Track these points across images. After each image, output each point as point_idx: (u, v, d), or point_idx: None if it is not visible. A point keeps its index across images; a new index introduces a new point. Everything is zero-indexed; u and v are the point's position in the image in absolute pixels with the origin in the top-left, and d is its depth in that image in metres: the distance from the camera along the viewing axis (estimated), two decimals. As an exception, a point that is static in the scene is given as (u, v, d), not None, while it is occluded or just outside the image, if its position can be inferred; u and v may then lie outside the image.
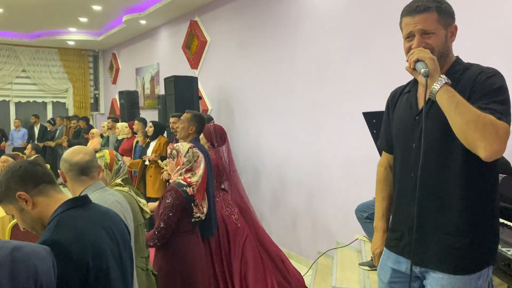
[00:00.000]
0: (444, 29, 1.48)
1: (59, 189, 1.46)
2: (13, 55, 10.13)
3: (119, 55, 10.06)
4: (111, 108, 10.38)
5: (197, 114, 3.42)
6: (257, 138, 5.38)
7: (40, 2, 6.91)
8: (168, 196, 2.39)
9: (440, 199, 1.48)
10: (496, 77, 1.40)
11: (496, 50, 2.88)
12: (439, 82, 1.37)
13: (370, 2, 3.79)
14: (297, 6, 4.63)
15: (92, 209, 1.45)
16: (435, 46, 1.46)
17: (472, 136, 1.30)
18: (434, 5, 1.46)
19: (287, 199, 4.94)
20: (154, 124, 5.41)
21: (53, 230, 1.28)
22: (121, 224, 1.55)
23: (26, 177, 1.37)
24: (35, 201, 1.38)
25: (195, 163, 2.55)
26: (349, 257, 3.71)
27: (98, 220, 1.41)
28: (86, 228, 1.34)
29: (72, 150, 1.91)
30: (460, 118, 1.31)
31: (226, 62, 5.95)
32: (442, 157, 1.47)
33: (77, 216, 1.36)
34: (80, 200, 1.44)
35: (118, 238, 1.46)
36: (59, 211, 1.36)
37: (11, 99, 10.32)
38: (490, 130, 1.28)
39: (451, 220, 1.45)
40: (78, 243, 1.27)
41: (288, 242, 4.93)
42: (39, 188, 1.38)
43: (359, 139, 3.85)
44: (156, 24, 7.79)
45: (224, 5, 5.95)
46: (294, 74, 4.70)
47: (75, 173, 1.86)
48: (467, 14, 2.96)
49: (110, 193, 1.96)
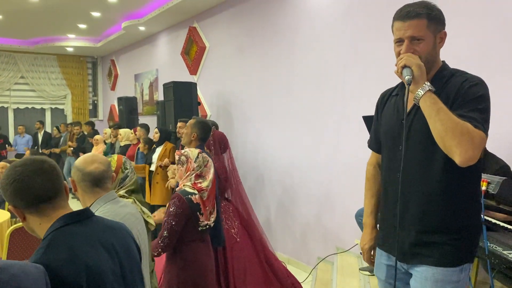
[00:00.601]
0: (433, 35, 1.51)
1: (61, 203, 1.30)
2: (12, 61, 10.15)
3: (118, 61, 10.07)
4: (110, 114, 10.38)
5: (201, 120, 3.33)
6: (256, 143, 5.38)
7: (39, 9, 6.92)
8: (171, 204, 2.34)
9: (422, 200, 1.54)
10: (478, 85, 1.45)
11: (496, 50, 2.90)
12: (423, 88, 1.43)
13: (368, 8, 3.81)
14: (296, 12, 4.65)
15: (91, 224, 1.32)
16: (423, 53, 1.50)
17: (449, 142, 1.37)
18: (425, 12, 1.49)
19: (286, 204, 4.93)
20: (160, 130, 5.37)
21: (43, 251, 1.17)
22: (126, 240, 1.42)
23: (18, 193, 1.23)
24: (27, 217, 1.27)
25: (205, 167, 2.51)
26: (349, 262, 3.70)
27: (96, 237, 1.29)
28: (81, 247, 1.21)
29: (85, 158, 1.80)
30: (440, 124, 1.38)
31: (225, 68, 5.97)
32: (425, 160, 1.53)
33: (72, 234, 1.24)
34: (78, 215, 1.30)
35: (122, 256, 1.34)
36: (53, 228, 1.24)
37: (9, 106, 10.32)
38: (466, 137, 1.35)
39: (432, 220, 1.52)
40: (71, 266, 1.15)
41: (287, 247, 4.91)
42: (31, 208, 1.25)
43: (358, 144, 3.85)
44: (155, 31, 7.82)
45: (223, 12, 5.98)
46: (293, 79, 4.71)
47: (88, 184, 1.75)
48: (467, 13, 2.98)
49: (122, 205, 1.85)
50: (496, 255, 1.83)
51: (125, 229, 1.46)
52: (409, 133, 1.56)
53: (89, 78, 11.28)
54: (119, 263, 1.31)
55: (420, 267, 1.54)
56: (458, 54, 2.83)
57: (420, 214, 1.55)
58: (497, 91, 1.57)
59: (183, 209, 2.33)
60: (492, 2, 2.91)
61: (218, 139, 3.74)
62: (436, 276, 1.49)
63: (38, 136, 9.65)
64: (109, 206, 1.75)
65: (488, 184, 1.93)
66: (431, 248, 1.52)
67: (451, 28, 1.62)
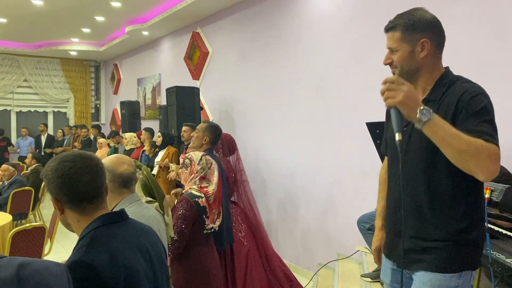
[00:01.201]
0: (409, 45, 1.51)
1: (101, 204, 1.31)
2: (15, 64, 10.20)
3: (121, 66, 10.11)
4: (112, 118, 10.41)
5: (213, 125, 3.33)
6: (258, 148, 5.38)
7: (44, 13, 6.97)
8: (179, 207, 2.34)
9: (421, 209, 1.53)
10: (479, 96, 1.42)
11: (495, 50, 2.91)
12: (419, 121, 1.35)
13: (370, 15, 3.83)
14: (298, 19, 4.68)
15: (128, 226, 1.33)
16: (398, 62, 1.54)
17: (467, 164, 1.33)
18: (401, 22, 1.52)
19: (288, 209, 4.92)
20: (163, 134, 5.39)
21: (85, 250, 1.17)
22: (157, 242, 1.43)
23: (63, 188, 1.24)
24: (66, 211, 1.28)
25: (209, 170, 2.50)
26: (350, 268, 3.68)
27: (133, 239, 1.30)
28: (121, 249, 1.23)
29: (114, 159, 1.80)
30: (451, 149, 1.33)
31: (227, 73, 5.99)
32: (425, 167, 1.52)
33: (112, 235, 1.25)
34: (117, 216, 1.32)
35: (153, 258, 1.35)
36: (93, 227, 1.25)
37: (12, 108, 10.35)
38: (483, 155, 1.31)
39: (431, 227, 1.52)
40: (111, 267, 1.16)
41: (289, 253, 4.90)
42: (73, 204, 1.26)
43: (360, 150, 3.86)
44: (159, 35, 7.85)
45: (226, 17, 6.01)
46: (295, 85, 4.73)
47: (117, 185, 1.76)
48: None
49: (146, 207, 1.86)
50: (499, 263, 1.83)
51: (155, 233, 1.47)
52: (409, 141, 1.56)
53: (92, 82, 11.33)
54: (151, 267, 1.32)
55: (419, 272, 1.55)
56: (457, 61, 2.83)
57: (418, 221, 1.54)
58: (496, 97, 1.57)
59: (192, 212, 2.33)
60: (489, 8, 2.92)
61: (226, 142, 3.76)
62: (433, 282, 1.49)
63: (41, 139, 9.68)
64: (134, 208, 1.76)
65: (492, 192, 1.93)
66: (429, 253, 1.52)
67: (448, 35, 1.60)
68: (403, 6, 3.63)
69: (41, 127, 9.70)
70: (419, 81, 1.57)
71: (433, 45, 1.52)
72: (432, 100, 1.52)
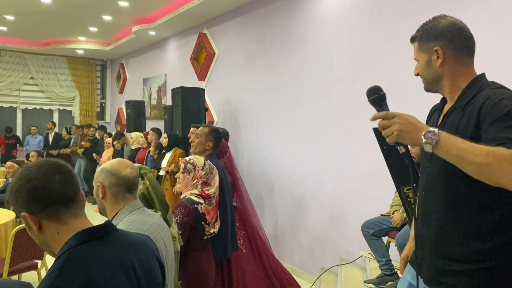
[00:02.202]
0: (425, 55, 1.51)
1: (79, 211, 1.18)
2: (22, 62, 10.24)
3: (127, 65, 10.14)
4: (117, 117, 10.43)
5: (215, 129, 3.30)
6: (263, 152, 5.36)
7: (51, 11, 6.99)
8: (177, 212, 2.32)
9: (441, 223, 1.44)
10: (504, 101, 1.31)
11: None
12: (428, 147, 1.27)
13: (378, 19, 3.81)
14: (305, 22, 4.66)
15: (112, 242, 1.18)
16: (420, 73, 1.55)
17: (492, 177, 1.19)
18: (418, 34, 1.54)
19: (292, 213, 4.90)
20: (169, 136, 5.35)
21: (56, 275, 1.03)
22: (149, 259, 1.29)
23: (33, 196, 1.10)
24: (42, 224, 1.13)
25: (211, 174, 2.52)
26: (353, 274, 3.66)
27: (116, 259, 1.15)
28: (99, 273, 1.08)
29: (115, 162, 1.71)
30: (469, 164, 1.22)
31: (233, 75, 5.98)
32: (444, 182, 1.43)
33: (89, 256, 1.09)
34: (98, 231, 1.16)
35: (142, 278, 1.22)
36: (69, 246, 1.10)
37: (18, 106, 10.40)
38: (506, 164, 1.16)
39: (449, 246, 1.39)
40: None
41: (291, 257, 4.88)
42: (48, 211, 1.12)
43: (365, 156, 3.83)
44: (165, 36, 7.86)
45: (233, 19, 6.01)
46: (301, 89, 4.71)
47: (122, 189, 1.67)
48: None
49: (148, 214, 1.76)
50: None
51: (148, 245, 1.33)
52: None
53: (97, 80, 11.36)
54: (137, 285, 1.20)
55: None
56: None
57: (438, 238, 1.45)
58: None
59: (190, 218, 2.32)
60: (507, 11, 2.89)
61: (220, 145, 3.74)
62: None
63: (49, 137, 9.71)
64: (135, 216, 1.68)
65: None
66: (449, 277, 1.40)
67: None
68: (411, 10, 3.61)
69: (49, 125, 9.71)
70: (444, 90, 1.52)
71: (449, 52, 1.47)
72: (457, 108, 1.45)
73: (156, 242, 1.60)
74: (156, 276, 1.29)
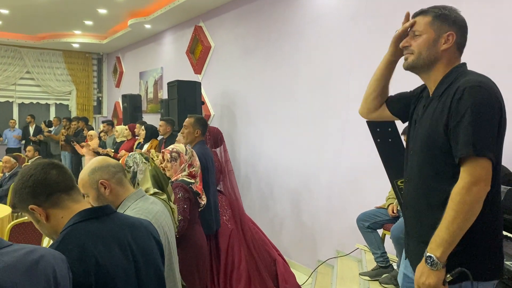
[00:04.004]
0: (435, 33, 1.50)
1: (78, 197, 1.32)
2: (18, 56, 10.17)
3: (123, 59, 10.09)
4: (114, 111, 10.40)
5: (199, 117, 3.54)
6: (259, 144, 5.36)
7: (46, 5, 6.94)
8: (177, 191, 2.51)
9: (421, 210, 1.51)
10: (465, 97, 1.35)
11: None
12: (440, 264, 1.38)
13: (374, 11, 3.79)
14: (302, 14, 4.63)
15: (109, 221, 1.31)
16: (418, 47, 1.51)
17: (475, 210, 1.34)
18: (433, 10, 1.52)
19: (288, 205, 4.91)
20: (146, 127, 5.45)
21: (55, 246, 1.19)
22: (146, 239, 1.40)
23: (37, 189, 1.25)
24: (49, 213, 1.27)
25: (193, 157, 2.75)
26: (349, 266, 3.67)
27: (112, 235, 1.28)
28: (93, 245, 1.21)
29: (96, 160, 1.71)
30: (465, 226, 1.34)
31: (229, 68, 5.96)
32: (424, 168, 1.50)
33: (86, 231, 1.24)
34: (96, 211, 1.31)
35: (138, 255, 1.32)
36: (70, 223, 1.25)
37: (14, 100, 10.35)
38: (467, 199, 1.32)
39: (429, 231, 1.44)
40: (80, 264, 1.17)
41: (288, 249, 4.89)
42: (52, 200, 1.26)
43: (362, 148, 3.83)
44: (161, 29, 7.82)
45: (229, 11, 5.97)
46: (297, 81, 4.70)
47: (121, 174, 1.70)
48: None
49: (152, 201, 1.81)
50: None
51: (148, 228, 1.44)
52: (415, 139, 1.55)
53: (94, 74, 11.30)
54: (133, 262, 1.30)
55: None
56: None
57: (419, 224, 1.52)
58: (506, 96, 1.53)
59: (189, 194, 2.56)
60: (489, 8, 2.88)
61: (214, 134, 3.95)
62: None
63: (29, 130, 9.60)
64: (141, 204, 1.71)
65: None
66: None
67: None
68: (408, 1, 3.59)
69: (28, 118, 9.64)
70: (431, 75, 1.54)
71: (456, 42, 1.50)
72: (435, 97, 1.51)
73: (161, 228, 1.72)
74: (153, 254, 1.40)
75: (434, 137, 1.44)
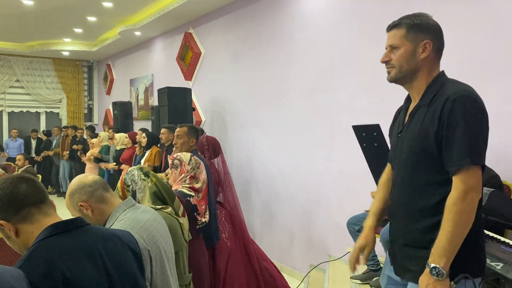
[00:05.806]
0: (412, 44, 1.52)
1: (49, 211, 1.28)
2: (7, 64, 10.10)
3: (113, 66, 10.07)
4: (105, 119, 10.36)
5: (191, 126, 3.49)
6: (250, 150, 5.37)
7: (35, 13, 6.91)
8: None
9: (408, 214, 1.54)
10: (456, 106, 1.39)
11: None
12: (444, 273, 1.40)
13: (361, 15, 3.83)
14: (290, 19, 4.67)
15: (80, 234, 1.26)
16: (398, 61, 1.54)
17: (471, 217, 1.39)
18: (405, 21, 1.54)
19: (280, 211, 4.91)
20: (147, 135, 5.39)
21: (21, 263, 1.13)
22: (121, 250, 1.35)
23: (5, 203, 1.21)
24: (18, 228, 1.23)
25: (198, 169, 2.62)
26: (341, 270, 3.68)
27: (83, 248, 1.22)
28: (61, 259, 1.16)
29: (73, 182, 1.69)
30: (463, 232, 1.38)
31: (220, 74, 5.97)
32: (410, 174, 1.53)
33: (54, 245, 1.18)
34: (66, 224, 1.25)
35: (111, 269, 1.27)
36: (38, 238, 1.20)
37: (4, 109, 10.26)
38: (462, 208, 1.36)
39: (416, 235, 1.50)
40: (47, 279, 1.11)
41: (280, 254, 4.89)
42: (21, 214, 1.22)
43: (352, 152, 3.85)
44: (151, 36, 7.82)
45: (218, 18, 5.99)
46: (287, 86, 4.72)
47: (100, 191, 1.65)
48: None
49: (142, 210, 1.75)
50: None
51: (123, 239, 1.38)
52: (402, 147, 1.58)
53: (84, 82, 11.25)
54: (106, 275, 1.25)
55: (409, 283, 1.54)
56: (450, 62, 2.84)
57: (405, 227, 1.54)
58: (488, 100, 1.55)
59: (185, 208, 2.41)
60: (484, 9, 2.93)
61: (212, 144, 3.81)
62: None
63: (31, 141, 9.59)
64: (129, 214, 1.67)
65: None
66: (414, 263, 1.49)
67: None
68: (395, 6, 3.64)
69: (33, 135, 9.66)
70: (414, 84, 1.56)
71: (434, 49, 1.53)
72: (422, 105, 1.52)
73: (151, 237, 1.65)
74: (127, 266, 1.35)
75: (423, 144, 1.47)
